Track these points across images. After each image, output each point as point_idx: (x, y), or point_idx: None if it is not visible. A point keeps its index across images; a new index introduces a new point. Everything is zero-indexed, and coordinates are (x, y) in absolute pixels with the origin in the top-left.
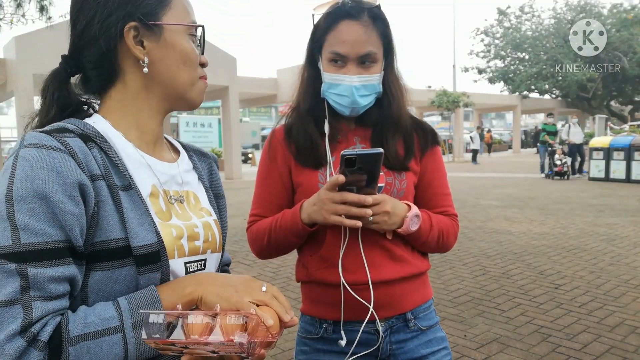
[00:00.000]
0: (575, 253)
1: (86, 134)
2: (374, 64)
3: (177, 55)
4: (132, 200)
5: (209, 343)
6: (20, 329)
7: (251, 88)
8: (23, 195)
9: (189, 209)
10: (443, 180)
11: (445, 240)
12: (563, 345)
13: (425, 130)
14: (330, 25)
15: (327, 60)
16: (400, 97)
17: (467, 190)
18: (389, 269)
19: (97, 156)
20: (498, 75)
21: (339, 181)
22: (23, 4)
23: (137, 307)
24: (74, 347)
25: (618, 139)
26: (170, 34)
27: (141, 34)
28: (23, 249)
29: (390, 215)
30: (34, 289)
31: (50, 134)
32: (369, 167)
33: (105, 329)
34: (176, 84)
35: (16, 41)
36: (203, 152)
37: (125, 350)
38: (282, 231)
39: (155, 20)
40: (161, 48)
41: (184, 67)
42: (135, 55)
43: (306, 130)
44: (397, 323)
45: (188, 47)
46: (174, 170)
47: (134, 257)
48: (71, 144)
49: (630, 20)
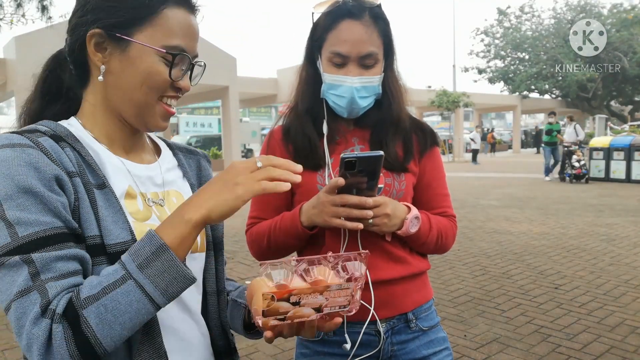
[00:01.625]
0: (575, 253)
1: (58, 135)
2: (375, 65)
3: (137, 73)
4: (107, 199)
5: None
6: (41, 311)
7: (251, 88)
8: (8, 194)
9: (169, 210)
10: (442, 181)
11: (443, 241)
12: (563, 345)
13: (425, 131)
14: (330, 24)
15: (327, 60)
16: (399, 97)
17: (467, 190)
18: (388, 269)
19: (71, 155)
20: (498, 75)
21: (339, 184)
22: (23, 4)
23: (136, 251)
24: (87, 310)
25: (618, 139)
26: (137, 51)
27: (106, 42)
28: (23, 242)
29: (391, 217)
30: (43, 272)
31: (21, 134)
32: (369, 170)
33: (112, 282)
34: (129, 101)
35: (16, 41)
36: (190, 149)
37: (145, 292)
38: (281, 234)
39: (124, 33)
40: (122, 61)
41: (140, 87)
42: (94, 61)
43: (304, 130)
44: (398, 324)
45: (153, 69)
46: (153, 171)
47: (108, 255)
48: (43, 142)
49: (630, 20)
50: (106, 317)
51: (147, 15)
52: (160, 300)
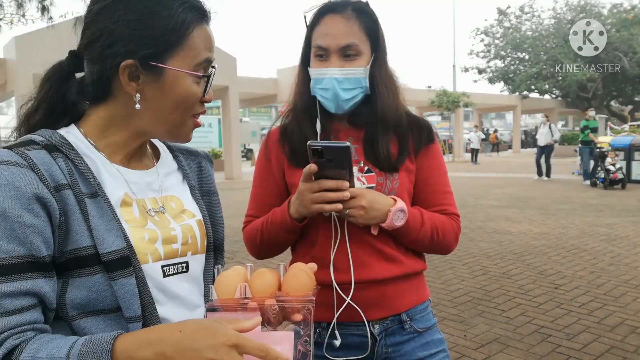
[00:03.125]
0: (575, 253)
1: (52, 144)
2: (357, 57)
3: (173, 98)
4: (99, 207)
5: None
6: None
7: (251, 88)
8: None
9: (169, 215)
10: (442, 177)
11: (440, 238)
12: (563, 345)
13: (421, 128)
14: (315, 21)
15: (313, 55)
16: (390, 95)
17: (467, 190)
18: (379, 269)
19: (62, 165)
20: (498, 75)
21: (312, 170)
22: (23, 4)
23: (85, 353)
24: None
25: (618, 139)
26: (172, 78)
27: (139, 70)
28: None
29: (367, 210)
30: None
31: (11, 149)
32: (339, 160)
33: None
34: (165, 123)
35: (16, 41)
36: (191, 150)
37: None
38: (273, 228)
39: (158, 61)
40: (158, 88)
41: (176, 109)
42: (128, 91)
43: (300, 129)
44: (392, 325)
45: (188, 92)
46: (150, 177)
47: (104, 264)
48: (33, 157)
49: (630, 20)
50: None
51: (177, 41)
52: None
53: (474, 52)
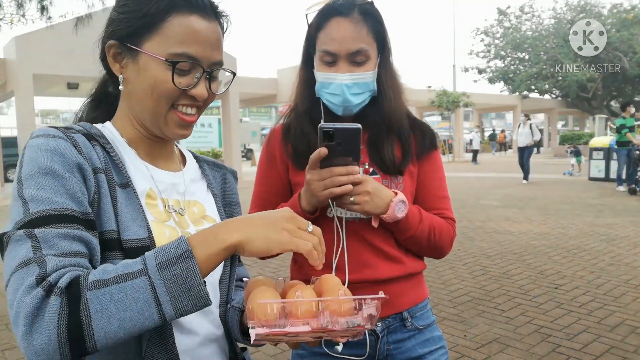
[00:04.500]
0: (575, 253)
1: (90, 134)
2: (366, 62)
3: (145, 82)
4: (128, 197)
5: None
6: (36, 281)
7: (251, 88)
8: (30, 174)
9: (188, 218)
10: (440, 182)
11: (437, 238)
12: (563, 345)
13: (424, 133)
14: (320, 23)
15: (319, 59)
16: (395, 96)
17: (467, 190)
18: (383, 269)
19: (100, 153)
20: (498, 75)
21: (321, 154)
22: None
23: (161, 250)
24: (92, 292)
25: None
26: (145, 60)
27: (122, 52)
28: (31, 217)
29: (372, 195)
30: (45, 247)
31: (56, 128)
32: (348, 143)
33: (126, 273)
34: (144, 109)
35: (16, 41)
36: (217, 163)
37: (155, 295)
38: None
39: (134, 43)
40: (135, 71)
41: (150, 95)
42: (114, 71)
43: (303, 131)
44: (393, 322)
45: (158, 77)
46: (177, 179)
47: (124, 250)
48: (75, 137)
49: (630, 20)
50: (108, 307)
51: (154, 24)
52: (167, 308)
53: (474, 52)
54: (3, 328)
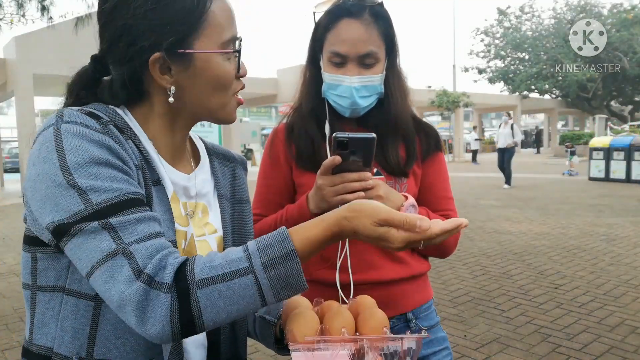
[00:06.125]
0: (575, 253)
1: (118, 126)
2: (375, 64)
3: (208, 82)
4: (160, 196)
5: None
6: (133, 275)
7: (251, 88)
8: (79, 162)
9: (194, 225)
10: (445, 184)
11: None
12: (563, 345)
13: (429, 135)
14: (330, 24)
15: (327, 59)
16: (401, 98)
17: (467, 190)
18: (389, 270)
19: (133, 148)
20: (498, 75)
21: (335, 162)
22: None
23: (265, 248)
24: (202, 291)
25: (618, 139)
26: (202, 61)
27: (168, 62)
28: (98, 207)
29: (384, 199)
30: (125, 235)
31: (88, 116)
32: (362, 152)
33: (234, 270)
34: (205, 108)
35: (16, 41)
36: (228, 155)
37: (260, 292)
38: (289, 226)
39: (184, 47)
40: (191, 76)
41: (214, 92)
42: (161, 85)
43: (307, 131)
44: (398, 323)
45: (221, 71)
46: (189, 182)
47: None
48: (112, 131)
49: (630, 20)
50: (217, 303)
51: (198, 20)
52: (270, 300)
53: (474, 52)
54: (3, 328)
